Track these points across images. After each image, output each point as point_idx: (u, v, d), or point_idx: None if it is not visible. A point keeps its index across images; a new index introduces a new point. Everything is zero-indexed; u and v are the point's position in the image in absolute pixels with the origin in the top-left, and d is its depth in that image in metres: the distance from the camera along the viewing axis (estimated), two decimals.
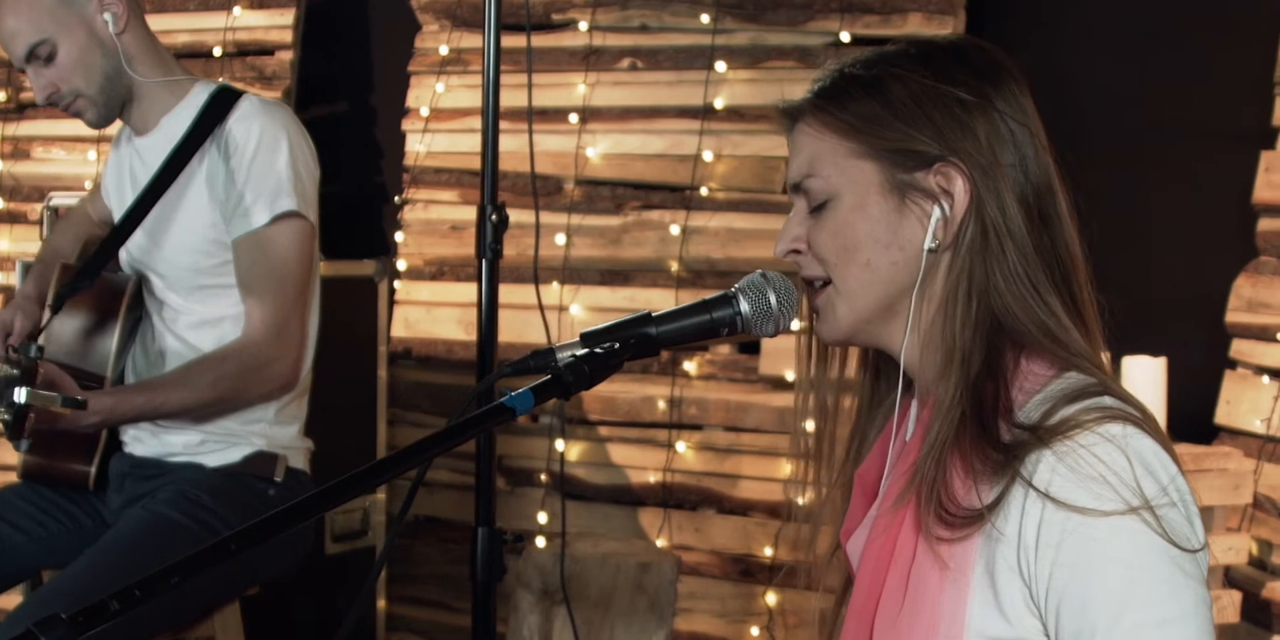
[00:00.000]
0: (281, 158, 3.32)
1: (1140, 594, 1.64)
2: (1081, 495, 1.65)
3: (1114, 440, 1.67)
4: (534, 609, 4.08)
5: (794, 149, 1.90)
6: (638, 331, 1.81)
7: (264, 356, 3.27)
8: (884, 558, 1.80)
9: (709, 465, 5.28)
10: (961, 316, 1.79)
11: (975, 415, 1.74)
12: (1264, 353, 4.27)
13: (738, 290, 1.86)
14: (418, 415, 5.84)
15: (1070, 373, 1.77)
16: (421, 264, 5.84)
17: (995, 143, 1.81)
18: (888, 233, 1.82)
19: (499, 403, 1.67)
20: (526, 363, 1.77)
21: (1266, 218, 4.33)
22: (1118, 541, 1.64)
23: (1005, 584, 1.70)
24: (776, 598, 5.14)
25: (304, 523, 1.50)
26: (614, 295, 5.46)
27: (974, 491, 1.71)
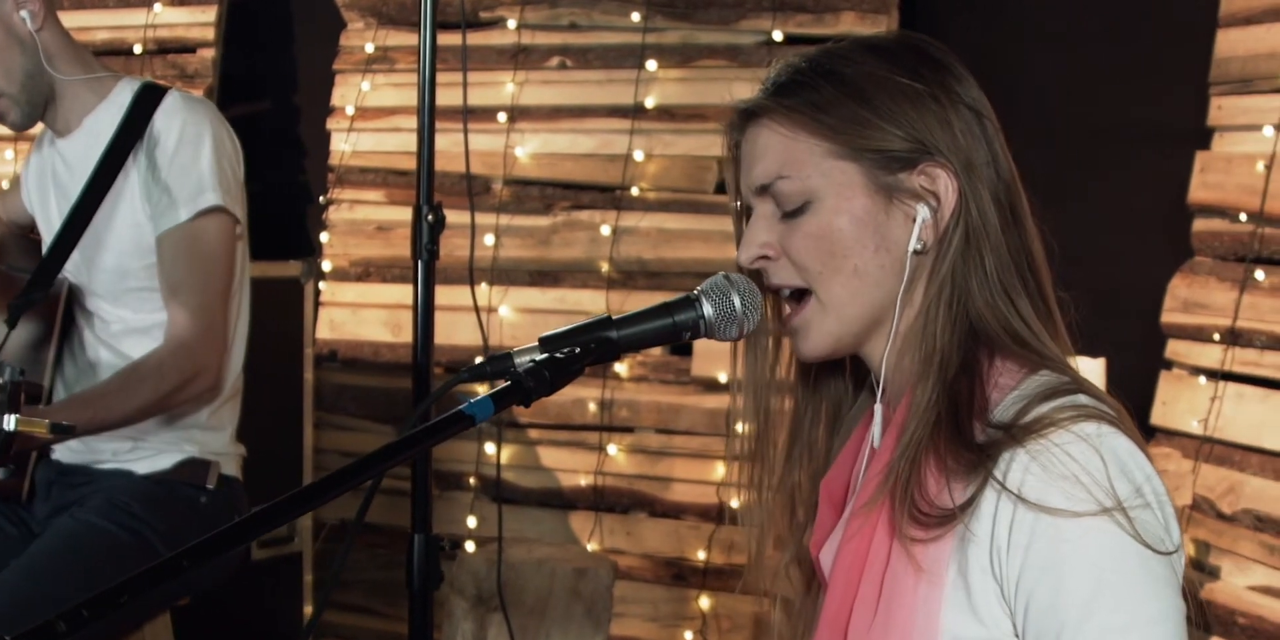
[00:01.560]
0: (205, 153, 3.24)
1: (1108, 597, 1.60)
2: (1053, 495, 1.61)
3: (1088, 439, 1.63)
4: (468, 616, 4.02)
5: (756, 150, 1.82)
6: (598, 335, 1.75)
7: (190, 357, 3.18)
8: (857, 563, 1.75)
9: (641, 468, 5.24)
10: (942, 320, 1.74)
11: (950, 417, 1.70)
12: (1200, 353, 4.26)
13: (700, 293, 1.79)
14: (343, 418, 5.77)
15: (1043, 371, 1.73)
16: (347, 265, 5.77)
17: (970, 139, 1.77)
18: (874, 236, 1.77)
19: (458, 410, 1.61)
20: (484, 368, 1.71)
21: (1202, 218, 4.33)
22: (1087, 543, 1.60)
23: (978, 585, 1.66)
24: (710, 601, 5.10)
25: (259, 535, 1.44)
26: (543, 296, 5.40)
27: (947, 491, 1.67)
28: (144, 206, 3.23)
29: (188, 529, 3.22)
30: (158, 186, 3.21)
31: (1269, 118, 4.15)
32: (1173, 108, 4.45)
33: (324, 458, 5.55)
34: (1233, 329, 4.16)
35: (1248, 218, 4.17)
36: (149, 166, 3.22)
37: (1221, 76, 4.31)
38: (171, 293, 3.22)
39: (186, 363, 3.17)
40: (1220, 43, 4.32)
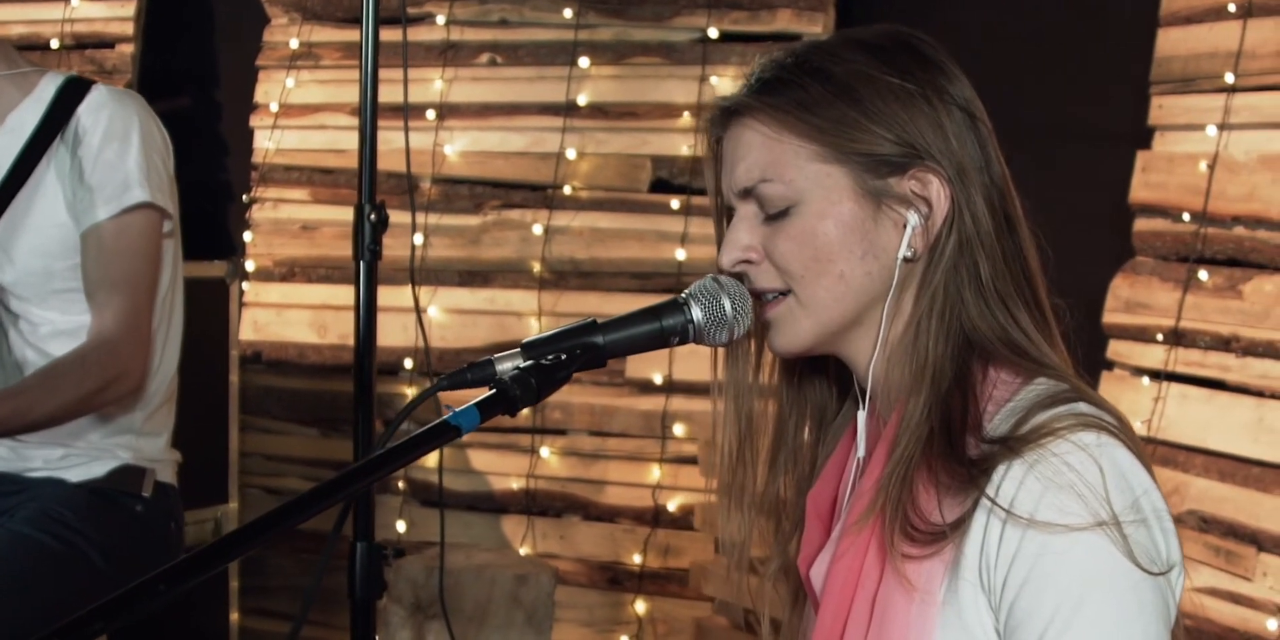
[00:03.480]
0: (132, 148, 3.13)
1: (1087, 615, 1.54)
2: (1045, 509, 1.55)
3: (1088, 449, 1.57)
4: (405, 624, 3.93)
5: (738, 150, 1.74)
6: (583, 341, 1.67)
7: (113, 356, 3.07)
8: (850, 582, 1.68)
9: (574, 471, 5.18)
10: (935, 331, 1.68)
11: (944, 431, 1.64)
12: (1142, 354, 4.24)
13: (689, 296, 1.71)
14: (268, 421, 5.67)
15: (1040, 379, 1.67)
16: (271, 265, 5.67)
17: (963, 142, 1.71)
18: (862, 241, 1.69)
19: (443, 421, 1.53)
20: (464, 375, 1.63)
21: (1143, 218, 4.30)
22: (1074, 556, 1.54)
23: (969, 602, 1.60)
24: (646, 606, 5.04)
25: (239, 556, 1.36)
26: (473, 297, 5.33)
27: (939, 508, 1.61)
28: (67, 205, 3.13)
29: (124, 539, 3.12)
30: (81, 185, 3.10)
31: (1211, 117, 4.13)
32: (1113, 107, 4.43)
33: (249, 461, 5.45)
34: (1176, 329, 4.14)
35: (1190, 218, 4.15)
36: (72, 164, 3.12)
37: (1163, 76, 4.29)
38: (94, 291, 3.11)
39: (109, 361, 3.06)
40: (1161, 42, 4.30)
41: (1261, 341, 3.94)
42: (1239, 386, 3.99)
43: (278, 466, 5.69)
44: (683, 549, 4.99)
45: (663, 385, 5.02)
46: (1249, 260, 4.05)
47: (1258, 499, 3.86)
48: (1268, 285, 3.97)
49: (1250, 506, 3.87)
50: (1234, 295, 4.05)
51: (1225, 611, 3.80)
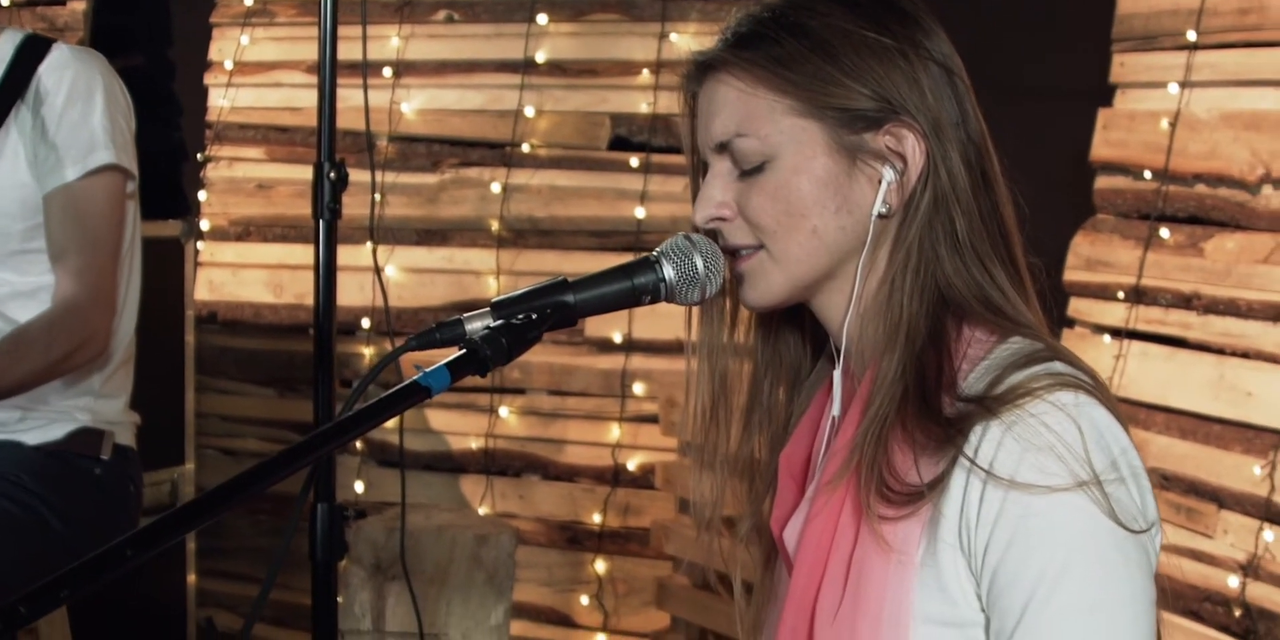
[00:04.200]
0: (96, 109, 3.09)
1: (1074, 576, 1.53)
2: (1025, 469, 1.53)
3: (1065, 409, 1.56)
4: (365, 585, 3.90)
5: (713, 105, 1.72)
6: (554, 300, 1.65)
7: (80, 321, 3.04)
8: (824, 542, 1.67)
9: (533, 430, 5.16)
10: (909, 288, 1.66)
11: (918, 390, 1.62)
12: (1103, 311, 4.23)
13: (660, 254, 1.69)
14: (225, 382, 5.64)
15: (1014, 338, 1.66)
16: (226, 224, 5.63)
17: (940, 98, 1.68)
18: (836, 197, 1.67)
19: (413, 381, 1.51)
20: (433, 335, 1.60)
21: (1104, 176, 4.29)
22: (1057, 517, 1.53)
23: (947, 562, 1.58)
24: (606, 565, 5.03)
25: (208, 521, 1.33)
26: (431, 256, 5.30)
27: (916, 467, 1.59)
28: (29, 166, 3.08)
29: (83, 502, 3.09)
30: (45, 145, 3.06)
31: (1173, 75, 4.11)
32: (1075, 65, 4.41)
33: (206, 422, 5.42)
34: (1137, 287, 4.13)
35: (1152, 175, 4.15)
36: (34, 124, 3.07)
37: (1124, 33, 4.27)
38: (59, 255, 3.08)
39: (77, 327, 3.03)
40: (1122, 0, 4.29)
41: (1222, 299, 3.94)
42: (1200, 344, 3.99)
43: (234, 427, 5.65)
44: (643, 508, 4.98)
45: (622, 344, 5.00)
46: (1210, 218, 4.05)
47: (1218, 457, 3.87)
48: (1229, 243, 3.97)
49: (1211, 464, 3.87)
50: (1195, 253, 4.05)
51: (1186, 569, 3.81)
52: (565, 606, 5.10)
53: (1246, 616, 3.69)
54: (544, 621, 5.11)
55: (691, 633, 4.44)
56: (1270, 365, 3.82)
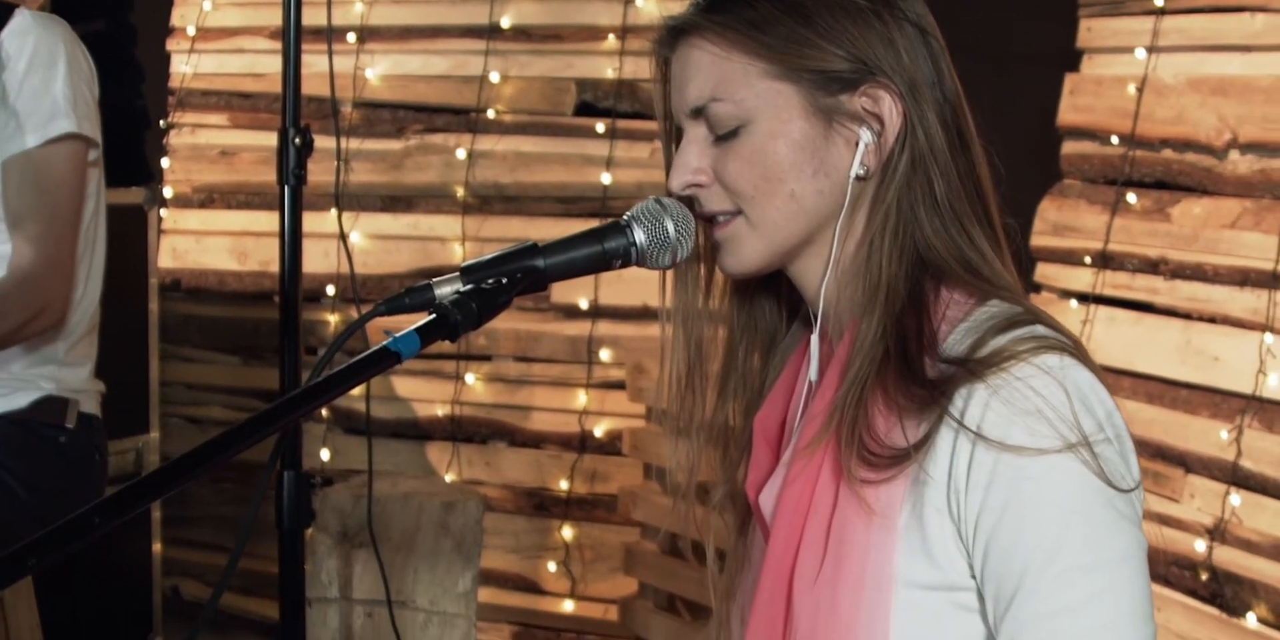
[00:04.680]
0: (59, 76, 3.06)
1: (1072, 537, 1.52)
2: (1015, 432, 1.52)
3: (1051, 372, 1.55)
4: (332, 553, 3.89)
5: (687, 70, 1.70)
6: (524, 264, 1.63)
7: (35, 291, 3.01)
8: (801, 506, 1.65)
9: (499, 397, 5.15)
10: (888, 250, 1.64)
11: (899, 352, 1.60)
12: (1070, 276, 4.24)
13: (631, 218, 1.67)
14: (189, 350, 5.61)
15: (992, 301, 1.65)
16: (189, 191, 5.60)
17: (915, 58, 1.67)
18: (814, 160, 1.66)
19: (382, 347, 1.49)
20: (402, 300, 1.58)
21: (1071, 141, 4.29)
22: (1051, 481, 1.53)
23: (934, 527, 1.57)
24: (573, 532, 5.03)
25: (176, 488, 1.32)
26: (396, 222, 5.27)
27: (899, 429, 1.58)
28: None
29: (48, 471, 3.07)
30: (5, 111, 3.03)
31: (1140, 40, 4.11)
32: (1042, 30, 4.40)
33: (170, 391, 5.39)
34: (1104, 252, 4.14)
35: (1119, 141, 4.15)
36: None
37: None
38: (16, 223, 3.05)
39: (32, 297, 3.00)
40: None
41: (1189, 264, 3.95)
42: (1167, 309, 4.00)
43: (199, 395, 5.63)
44: (610, 474, 4.98)
45: (589, 310, 4.99)
46: (1177, 183, 4.05)
47: (1185, 421, 3.88)
48: (1196, 208, 3.97)
49: (1178, 428, 3.88)
50: (1162, 218, 4.05)
51: (1153, 533, 3.77)
52: (532, 573, 5.09)
53: (1213, 580, 3.71)
54: (511, 588, 5.11)
55: (659, 598, 4.45)
56: (1237, 330, 3.83)
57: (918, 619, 1.59)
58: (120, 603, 4.77)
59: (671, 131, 1.76)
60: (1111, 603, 1.53)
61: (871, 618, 1.59)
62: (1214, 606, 3.73)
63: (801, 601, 1.64)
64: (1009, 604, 1.54)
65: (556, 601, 5.07)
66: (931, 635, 1.60)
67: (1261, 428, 3.71)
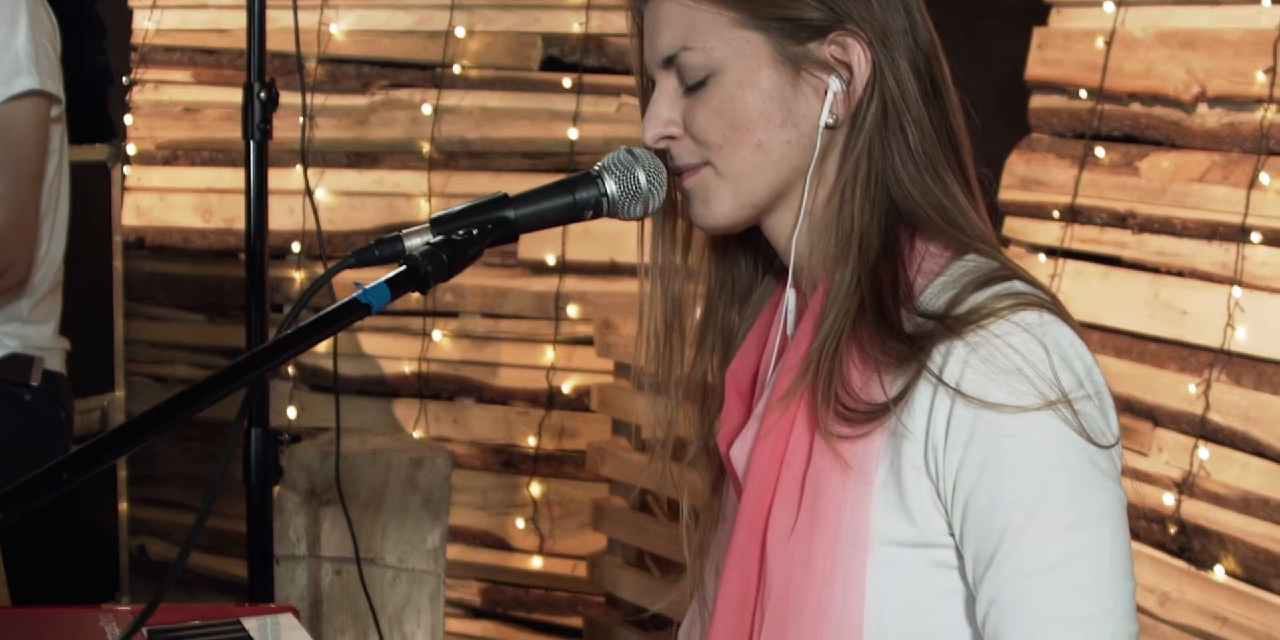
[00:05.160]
0: (20, 32, 3.03)
1: (1053, 494, 1.52)
2: (995, 390, 1.51)
3: (1031, 329, 1.53)
4: (300, 510, 3.87)
5: (658, 21, 1.68)
6: (495, 215, 1.61)
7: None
8: (774, 461, 1.64)
9: (466, 354, 5.13)
10: (860, 199, 1.62)
11: (874, 303, 1.59)
12: (1038, 231, 4.23)
13: (602, 169, 1.65)
14: (154, 308, 5.58)
15: (970, 255, 1.63)
16: (153, 148, 5.55)
17: (887, 6, 1.65)
18: (781, 109, 1.64)
19: (352, 298, 1.47)
20: (371, 252, 1.57)
21: (1039, 95, 4.28)
22: (1031, 438, 1.52)
23: (911, 484, 1.56)
24: (541, 488, 5.02)
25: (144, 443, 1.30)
26: (362, 178, 5.24)
27: (876, 384, 1.56)
28: None
29: (12, 429, 3.06)
30: None
31: None
32: None
33: (135, 349, 5.36)
34: (1072, 206, 4.13)
35: (1087, 94, 4.13)
36: None
37: None
38: None
39: None
40: None
41: (1158, 218, 3.94)
42: (1135, 263, 4.00)
43: (164, 354, 5.60)
44: (578, 430, 4.97)
45: (555, 266, 4.97)
46: (1145, 137, 4.04)
47: (1154, 375, 3.88)
48: (1164, 162, 3.97)
49: (1146, 382, 3.88)
50: (1130, 172, 4.04)
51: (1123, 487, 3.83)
52: (501, 530, 5.09)
53: (1181, 533, 3.72)
54: (479, 545, 5.10)
55: (628, 554, 4.44)
56: (1205, 284, 3.83)
57: (894, 576, 1.58)
58: (87, 562, 4.76)
59: (647, 86, 1.74)
60: (1093, 560, 1.52)
61: (847, 574, 1.58)
62: (1182, 559, 3.74)
63: (776, 557, 1.63)
64: (989, 562, 1.53)
65: (525, 558, 5.07)
66: (908, 592, 1.59)
67: (1229, 381, 3.71)
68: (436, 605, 3.92)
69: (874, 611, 1.58)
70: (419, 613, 3.90)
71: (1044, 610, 1.52)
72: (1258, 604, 3.57)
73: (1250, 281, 3.71)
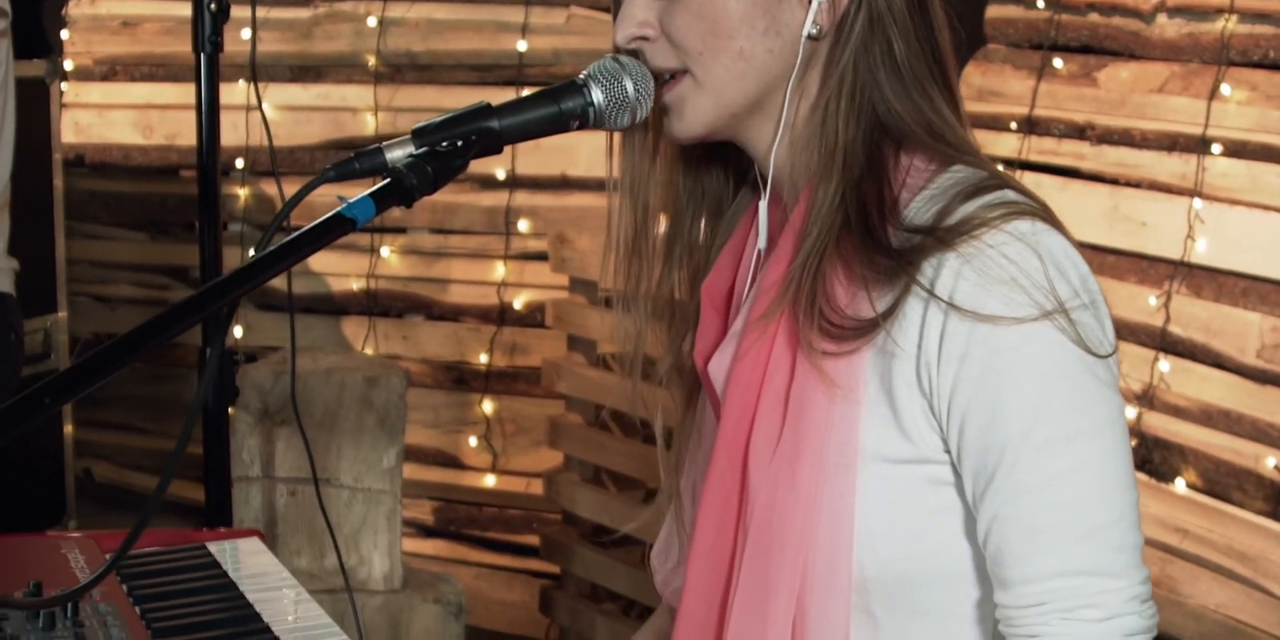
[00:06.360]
0: None
1: (1052, 406, 1.49)
2: (990, 302, 1.48)
3: (1024, 238, 1.50)
4: (254, 431, 3.83)
5: None
6: (478, 126, 1.56)
7: None
8: (755, 380, 1.61)
9: (415, 270, 5.08)
10: (844, 113, 1.58)
11: (860, 219, 1.55)
12: (995, 142, 4.19)
13: (588, 77, 1.60)
14: (95, 227, 5.49)
15: (956, 166, 1.59)
16: (91, 64, 5.45)
17: None
18: (764, 16, 1.59)
19: (337, 213, 1.43)
20: (352, 165, 1.52)
21: (996, 4, 4.23)
22: (1029, 350, 1.49)
23: (903, 400, 1.53)
24: (494, 405, 4.99)
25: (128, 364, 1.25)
26: (306, 93, 5.16)
27: (863, 300, 1.53)
28: None
29: None
30: None
31: None
32: None
33: (77, 269, 5.28)
34: (1029, 118, 4.09)
35: (1044, 4, 4.09)
36: None
37: None
38: None
39: None
40: None
41: (1116, 129, 3.91)
42: (1094, 175, 3.97)
43: (107, 273, 5.52)
44: (530, 347, 4.93)
45: (505, 181, 4.91)
46: (1104, 47, 4.00)
47: (1113, 287, 3.86)
48: (1123, 72, 3.93)
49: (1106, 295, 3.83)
50: (1088, 83, 4.00)
51: None
52: (453, 448, 5.05)
53: (1142, 446, 3.71)
54: (431, 463, 5.07)
55: (585, 471, 4.41)
56: (1165, 195, 3.81)
57: (886, 494, 1.56)
58: (32, 486, 4.69)
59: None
60: (1096, 471, 1.50)
61: (835, 493, 1.56)
62: (1143, 472, 3.73)
63: (758, 477, 1.60)
64: (990, 478, 1.51)
65: (478, 476, 5.04)
66: (902, 510, 1.57)
67: (1190, 293, 3.70)
68: (394, 525, 3.89)
69: (864, 531, 1.56)
70: (375, 533, 3.87)
71: (1048, 524, 1.50)
72: (1219, 516, 3.57)
73: (1210, 193, 3.69)
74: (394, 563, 3.89)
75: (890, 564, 1.56)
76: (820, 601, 1.56)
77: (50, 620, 1.89)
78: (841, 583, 1.56)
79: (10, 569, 2.16)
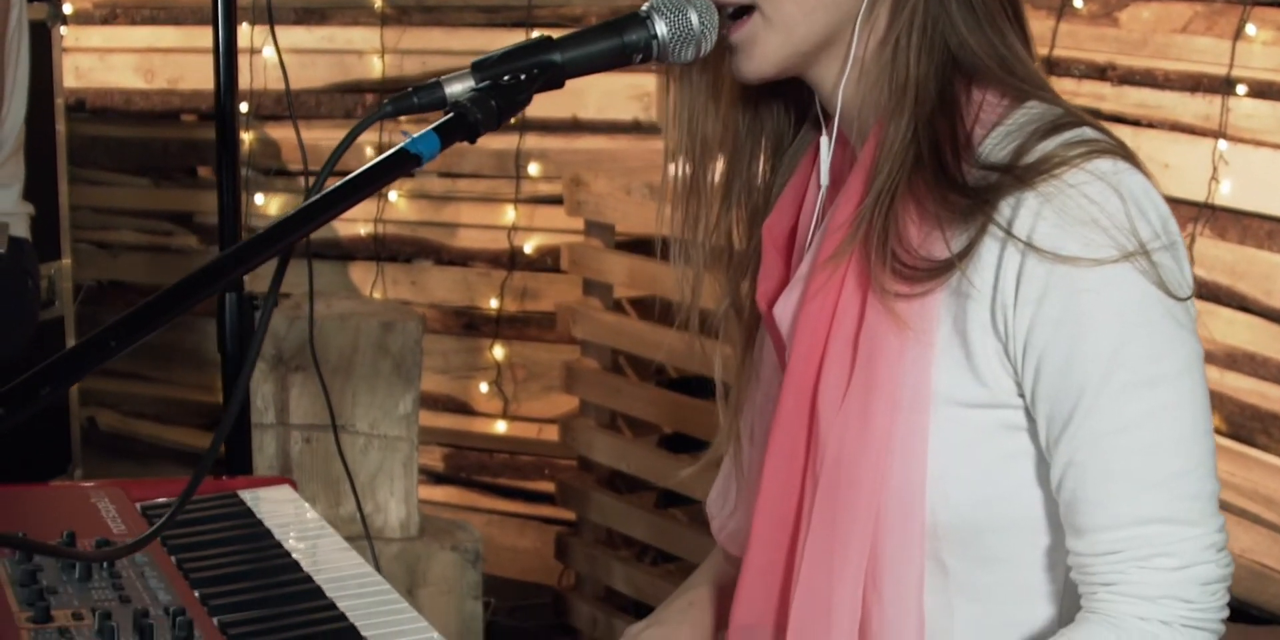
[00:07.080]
0: None
1: (1132, 351, 1.45)
2: (1070, 243, 1.44)
3: (1106, 178, 1.46)
4: (268, 377, 3.79)
5: None
6: (540, 59, 1.50)
7: None
8: (823, 322, 1.57)
9: (424, 214, 5.03)
10: (915, 48, 1.54)
11: (933, 156, 1.51)
12: None
13: (651, 9, 1.54)
14: (97, 172, 5.43)
15: (1031, 102, 1.55)
16: (90, 7, 5.38)
17: None
18: None
19: (401, 148, 1.38)
20: (410, 100, 1.46)
21: None
22: (1109, 293, 1.45)
23: (978, 343, 1.49)
24: (504, 351, 4.95)
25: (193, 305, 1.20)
26: (311, 35, 5.10)
27: (937, 240, 1.49)
28: None
29: None
30: None
31: None
32: None
33: (79, 215, 5.21)
34: (1049, 58, 4.04)
35: None
36: None
37: None
38: None
39: None
40: None
41: (1139, 69, 3.87)
42: (1115, 116, 3.93)
43: (109, 219, 5.47)
44: (541, 292, 4.89)
45: (515, 123, 4.85)
46: None
47: None
48: (1145, 12, 3.88)
49: None
50: (1109, 22, 3.96)
51: None
52: (464, 394, 5.02)
53: None
54: (442, 409, 5.04)
55: (601, 416, 4.38)
56: (1187, 136, 3.77)
57: (960, 438, 1.53)
58: (37, 436, 4.65)
59: None
60: (1173, 417, 1.47)
61: (907, 437, 1.53)
62: None
63: (828, 421, 1.56)
64: (1065, 423, 1.47)
65: (489, 422, 5.01)
66: (975, 455, 1.53)
67: (1214, 236, 3.67)
68: (410, 472, 3.85)
69: (937, 476, 1.53)
70: (392, 480, 3.84)
71: (1124, 470, 1.47)
72: (1243, 460, 3.54)
73: (1235, 134, 3.65)
74: (410, 510, 3.85)
75: (962, 509, 1.53)
76: (894, 547, 1.53)
77: (87, 571, 1.86)
78: (915, 528, 1.53)
79: (42, 518, 2.12)
